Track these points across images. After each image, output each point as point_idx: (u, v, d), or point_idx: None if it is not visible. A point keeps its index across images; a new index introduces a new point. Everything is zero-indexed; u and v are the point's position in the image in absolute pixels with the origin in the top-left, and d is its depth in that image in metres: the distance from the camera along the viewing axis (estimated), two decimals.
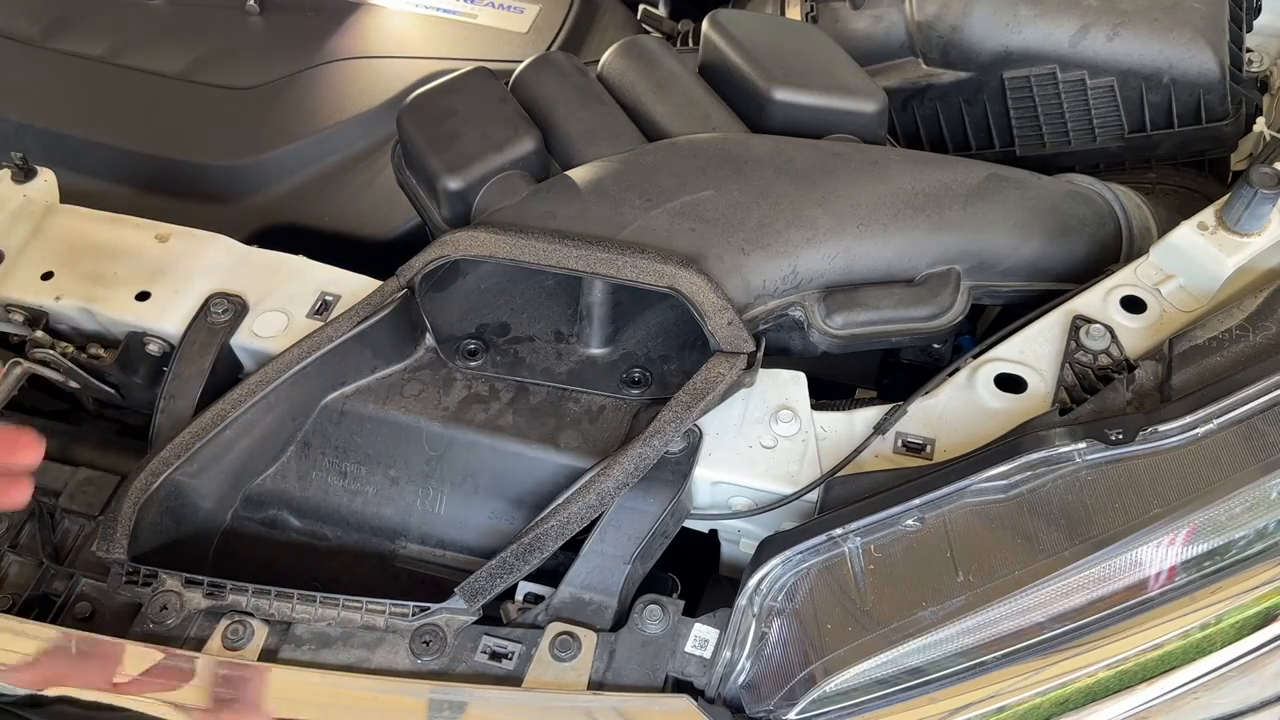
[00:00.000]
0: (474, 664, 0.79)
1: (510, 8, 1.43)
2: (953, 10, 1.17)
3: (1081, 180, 1.06)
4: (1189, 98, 1.15)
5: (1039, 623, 0.76)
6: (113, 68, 1.36)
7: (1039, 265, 0.98)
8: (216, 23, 1.42)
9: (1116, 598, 0.76)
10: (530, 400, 0.91)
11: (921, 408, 0.87)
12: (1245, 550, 0.78)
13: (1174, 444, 0.77)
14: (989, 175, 0.99)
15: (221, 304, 0.96)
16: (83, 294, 0.98)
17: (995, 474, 0.77)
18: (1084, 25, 1.14)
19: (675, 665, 0.79)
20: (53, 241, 1.03)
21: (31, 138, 1.31)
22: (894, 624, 0.74)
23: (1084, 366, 0.86)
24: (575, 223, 0.90)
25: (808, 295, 0.92)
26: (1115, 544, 0.73)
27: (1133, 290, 0.91)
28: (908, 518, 0.77)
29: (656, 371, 0.93)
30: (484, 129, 0.97)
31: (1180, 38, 1.12)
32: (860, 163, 0.96)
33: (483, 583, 0.80)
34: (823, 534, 0.77)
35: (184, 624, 0.82)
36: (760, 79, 1.01)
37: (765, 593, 0.78)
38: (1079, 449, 0.77)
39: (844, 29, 1.22)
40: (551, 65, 1.06)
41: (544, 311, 0.98)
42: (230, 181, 1.28)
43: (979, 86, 1.21)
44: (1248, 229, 0.89)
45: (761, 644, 0.78)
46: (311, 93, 1.34)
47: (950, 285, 0.94)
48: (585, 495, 0.82)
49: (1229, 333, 0.83)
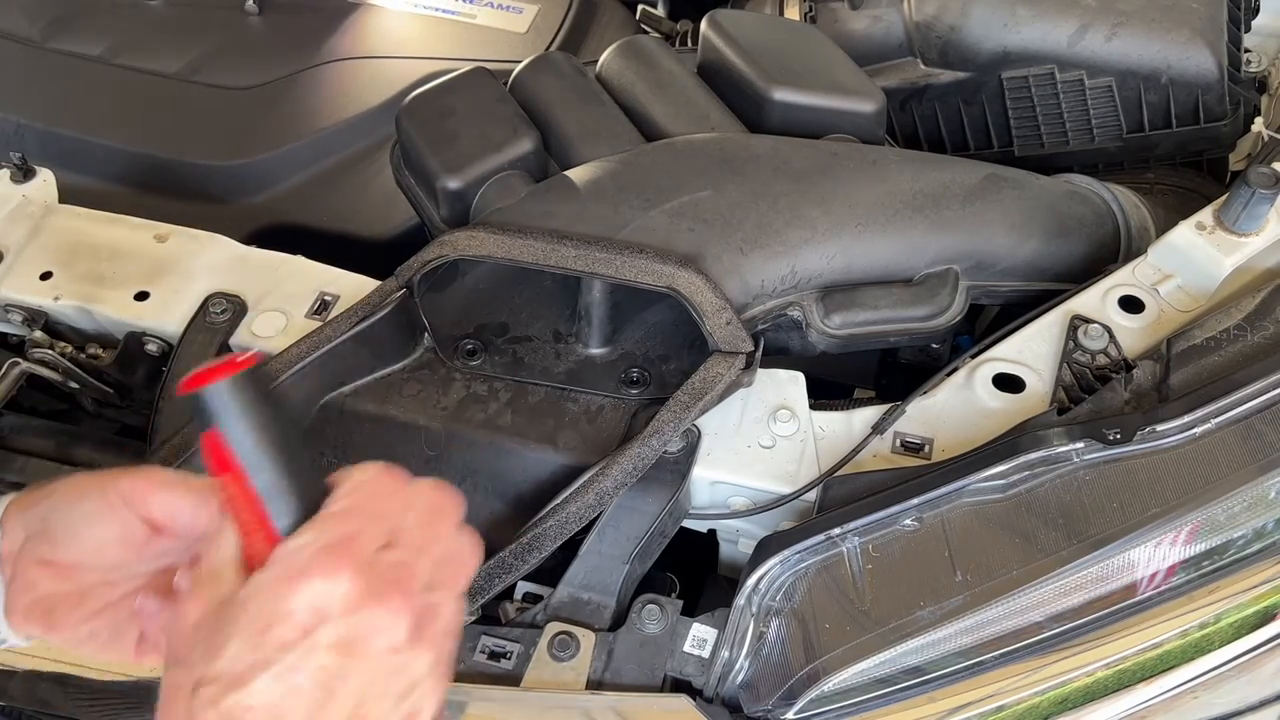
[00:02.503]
0: (472, 663, 0.79)
1: (509, 8, 1.43)
2: (951, 10, 1.17)
3: (1080, 180, 1.06)
4: (1187, 98, 1.15)
5: (1037, 622, 0.76)
6: (112, 68, 1.36)
7: (1037, 265, 0.98)
8: (215, 23, 1.42)
9: (1115, 597, 0.76)
10: (529, 400, 0.91)
11: (920, 408, 0.87)
12: (1243, 550, 0.78)
13: (1172, 444, 0.77)
14: (987, 175, 0.99)
15: (220, 304, 0.96)
16: (81, 294, 0.98)
17: (993, 474, 0.77)
18: (1082, 25, 1.14)
19: (674, 665, 0.79)
20: (51, 241, 1.03)
21: (30, 137, 1.31)
22: (892, 623, 0.74)
23: (1082, 366, 0.86)
24: (574, 223, 0.90)
25: (806, 295, 0.92)
26: (1113, 544, 0.73)
27: (1131, 290, 0.91)
28: (906, 517, 0.77)
29: (655, 371, 0.93)
30: (483, 129, 0.97)
31: (1178, 38, 1.12)
32: (859, 163, 0.96)
33: (481, 582, 0.80)
34: (821, 534, 0.77)
35: None
36: (759, 79, 1.01)
37: (764, 592, 0.78)
38: (1077, 449, 0.77)
39: (842, 29, 1.22)
40: (550, 65, 1.06)
41: (543, 311, 0.98)
42: (229, 181, 1.28)
43: (977, 87, 1.21)
44: (1245, 229, 0.89)
45: (760, 643, 0.78)
46: (310, 93, 1.34)
47: (948, 285, 0.94)
48: (584, 495, 0.82)
49: (1227, 333, 0.83)
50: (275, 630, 0.47)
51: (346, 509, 0.51)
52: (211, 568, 0.51)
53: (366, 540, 0.50)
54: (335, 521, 0.51)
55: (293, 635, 0.47)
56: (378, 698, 0.49)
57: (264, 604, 0.48)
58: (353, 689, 0.48)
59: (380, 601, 0.49)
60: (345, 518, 0.51)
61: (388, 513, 0.52)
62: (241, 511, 0.52)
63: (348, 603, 0.48)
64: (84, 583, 0.62)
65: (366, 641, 0.49)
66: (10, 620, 0.62)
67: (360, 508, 0.51)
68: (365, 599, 0.49)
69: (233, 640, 0.47)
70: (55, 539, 0.62)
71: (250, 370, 0.51)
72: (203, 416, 0.50)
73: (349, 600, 0.48)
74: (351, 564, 0.49)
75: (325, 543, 0.49)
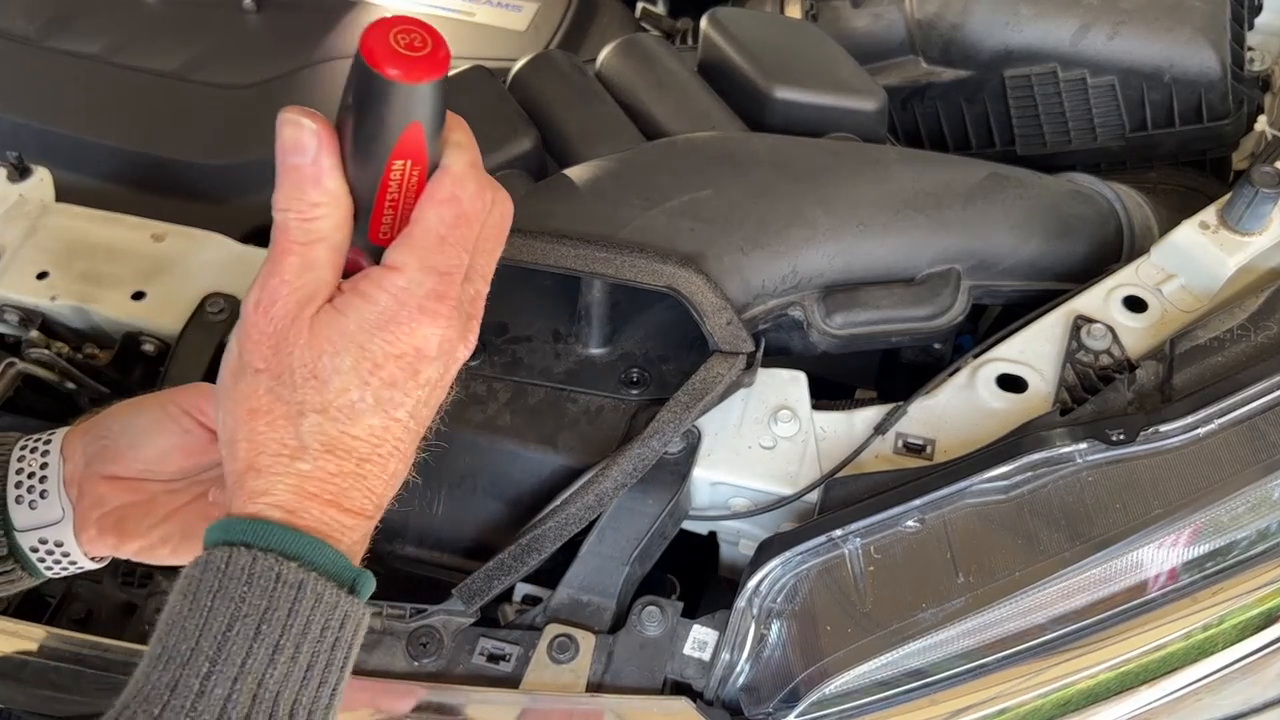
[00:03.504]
0: (471, 666, 0.78)
1: (508, 6, 1.43)
2: (953, 9, 1.17)
3: (1082, 179, 1.06)
4: (1190, 96, 1.15)
5: (1040, 624, 0.75)
6: (109, 66, 1.35)
7: (1040, 265, 0.97)
8: (213, 21, 1.42)
9: (1118, 599, 0.76)
10: (528, 400, 0.90)
11: (922, 408, 0.86)
12: (1247, 551, 0.78)
13: (1175, 444, 0.76)
14: (989, 174, 0.98)
15: (218, 303, 0.96)
16: (78, 293, 0.98)
17: (996, 475, 0.77)
18: (1085, 24, 1.14)
19: (674, 667, 0.78)
20: (48, 241, 1.02)
21: (27, 136, 1.30)
22: (894, 625, 0.73)
23: (1085, 366, 0.86)
24: (573, 222, 0.90)
25: (807, 295, 0.92)
26: (1116, 545, 0.73)
27: (1134, 290, 0.90)
28: (908, 519, 0.77)
29: (655, 372, 0.92)
30: (482, 128, 0.95)
31: (1181, 36, 1.12)
32: (860, 162, 0.96)
33: (480, 584, 0.80)
34: (822, 535, 0.77)
35: None
36: (760, 77, 1.01)
37: (765, 594, 0.77)
38: (1080, 449, 0.76)
39: (844, 27, 1.21)
40: (550, 64, 1.06)
41: (542, 311, 0.97)
42: (227, 180, 1.27)
43: (979, 85, 1.20)
44: (1249, 228, 0.88)
45: (761, 646, 0.78)
46: (309, 91, 1.33)
47: (950, 285, 0.94)
48: (583, 496, 0.81)
49: (1230, 332, 0.83)
50: (385, 370, 0.51)
51: (443, 239, 0.53)
52: (317, 228, 0.51)
53: (459, 276, 0.53)
54: (437, 255, 0.53)
55: (400, 375, 0.52)
56: (438, 401, 0.56)
57: (373, 342, 0.51)
58: (431, 412, 0.55)
59: (464, 340, 0.55)
60: (444, 250, 0.53)
61: (470, 238, 0.54)
62: (405, 197, 0.53)
63: (444, 345, 0.53)
64: (150, 492, 0.65)
65: (451, 373, 0.55)
66: (82, 540, 0.65)
67: (453, 236, 0.53)
68: (457, 342, 0.54)
69: (341, 374, 0.50)
70: (118, 454, 0.65)
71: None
72: (406, 108, 0.50)
73: (446, 342, 0.53)
74: (451, 308, 0.53)
75: (430, 288, 0.52)
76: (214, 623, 0.46)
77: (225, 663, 0.45)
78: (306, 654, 0.47)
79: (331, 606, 0.49)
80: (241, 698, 0.45)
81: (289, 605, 0.47)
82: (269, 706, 0.46)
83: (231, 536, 0.49)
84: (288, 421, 0.50)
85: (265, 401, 0.51)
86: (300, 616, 0.47)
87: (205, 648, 0.46)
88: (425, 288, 0.52)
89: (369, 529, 0.55)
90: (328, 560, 0.50)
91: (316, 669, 0.48)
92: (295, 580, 0.47)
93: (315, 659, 0.48)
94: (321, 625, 0.48)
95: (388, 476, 0.54)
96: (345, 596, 0.50)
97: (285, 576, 0.47)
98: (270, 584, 0.47)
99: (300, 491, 0.50)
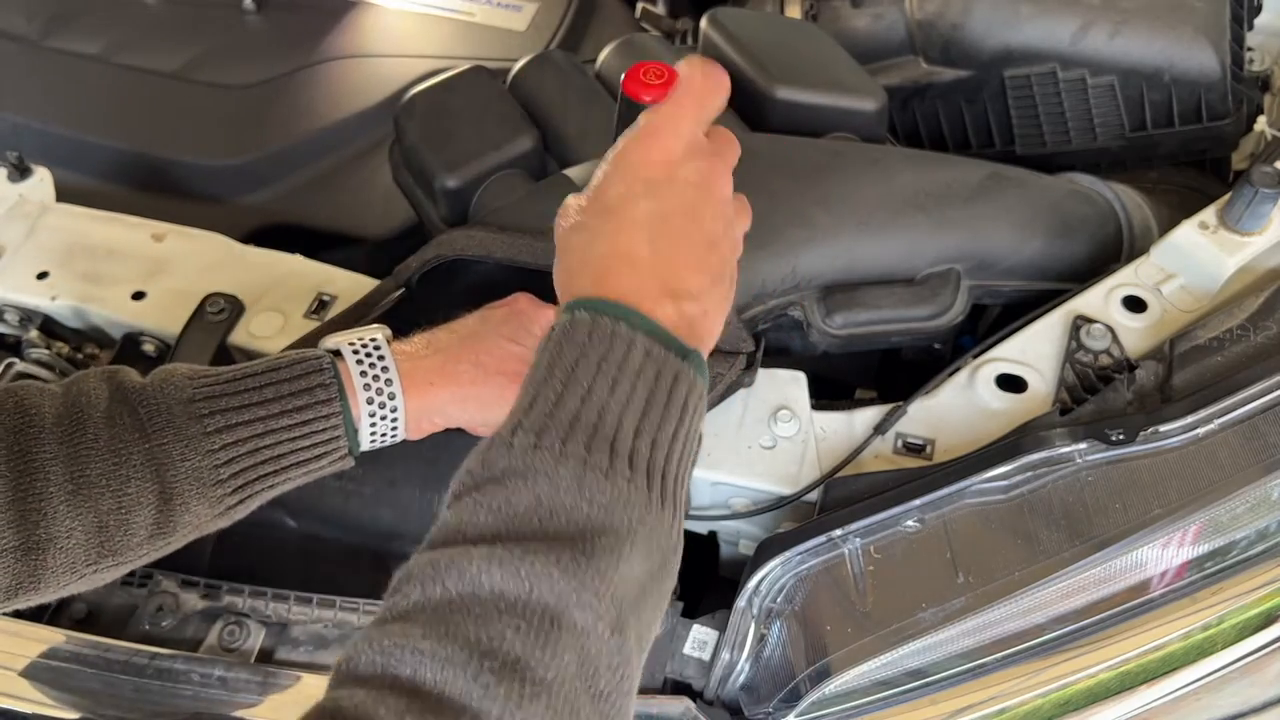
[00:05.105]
0: None
1: (508, 6, 1.43)
2: (953, 8, 1.17)
3: (1082, 179, 1.06)
4: (1190, 97, 1.15)
5: (1040, 624, 0.75)
6: (109, 66, 1.35)
7: (1040, 265, 0.97)
8: (213, 21, 1.42)
9: (1118, 599, 0.76)
10: None
11: (922, 408, 0.86)
12: (1247, 551, 0.78)
13: (1175, 444, 0.76)
14: (990, 174, 0.98)
15: (218, 303, 0.96)
16: (78, 293, 0.98)
17: (996, 475, 0.77)
18: (1085, 24, 1.14)
19: (674, 667, 0.78)
20: (48, 241, 1.02)
21: (27, 136, 1.30)
22: (894, 625, 0.73)
23: (1085, 366, 0.86)
24: None
25: (807, 295, 0.92)
26: (1116, 545, 0.73)
27: (1134, 290, 0.90)
28: (908, 519, 0.77)
29: None
30: (482, 128, 0.96)
31: (1181, 36, 1.12)
32: (860, 162, 0.96)
33: None
34: (822, 535, 0.77)
35: (180, 625, 0.82)
36: (760, 77, 1.01)
37: (765, 594, 0.77)
38: (1080, 449, 0.76)
39: (844, 27, 1.21)
40: (549, 64, 1.06)
41: None
42: (227, 180, 1.27)
43: (979, 85, 1.20)
44: (1249, 228, 0.88)
45: (761, 646, 0.78)
46: (308, 91, 1.33)
47: (950, 285, 0.94)
48: None
49: (1230, 333, 0.83)
50: (643, 172, 0.61)
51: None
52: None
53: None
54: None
55: (659, 174, 0.61)
56: (721, 239, 0.62)
57: (629, 154, 0.62)
58: (706, 223, 0.61)
59: (715, 156, 0.64)
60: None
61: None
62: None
63: (693, 148, 0.62)
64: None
65: (712, 183, 0.62)
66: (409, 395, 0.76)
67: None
68: (706, 153, 0.63)
69: (613, 181, 0.61)
70: (479, 348, 0.78)
71: None
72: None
73: (695, 145, 0.62)
74: (694, 121, 0.64)
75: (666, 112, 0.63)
76: (563, 359, 0.54)
77: (574, 384, 0.53)
78: (642, 393, 0.54)
79: (661, 361, 0.55)
80: (588, 414, 0.53)
81: (623, 353, 0.55)
82: (614, 423, 0.53)
83: (574, 307, 0.57)
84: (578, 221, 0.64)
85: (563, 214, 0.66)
86: (633, 363, 0.55)
87: (558, 374, 0.54)
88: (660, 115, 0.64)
89: (696, 313, 0.59)
90: (654, 329, 0.56)
91: (655, 408, 0.55)
92: (627, 336, 0.55)
93: (652, 399, 0.55)
94: (655, 374, 0.55)
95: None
96: (673, 358, 0.56)
97: (618, 332, 0.55)
98: (606, 337, 0.55)
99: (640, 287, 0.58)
